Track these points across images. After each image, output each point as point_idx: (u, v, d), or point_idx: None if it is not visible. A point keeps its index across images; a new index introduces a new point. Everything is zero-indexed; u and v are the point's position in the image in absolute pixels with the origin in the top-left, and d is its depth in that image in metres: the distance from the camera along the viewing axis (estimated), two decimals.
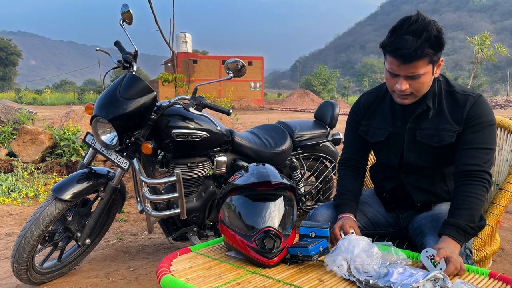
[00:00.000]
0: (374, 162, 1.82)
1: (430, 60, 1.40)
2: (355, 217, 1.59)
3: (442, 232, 1.37)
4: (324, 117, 2.93)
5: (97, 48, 2.53)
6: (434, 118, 1.52)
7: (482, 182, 1.42)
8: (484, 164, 1.44)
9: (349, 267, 1.23)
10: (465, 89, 1.53)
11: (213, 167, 2.42)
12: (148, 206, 2.23)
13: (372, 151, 1.80)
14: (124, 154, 2.19)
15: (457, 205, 1.42)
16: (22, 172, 4.80)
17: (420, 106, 1.52)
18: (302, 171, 2.86)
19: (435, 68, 1.45)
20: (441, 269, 1.21)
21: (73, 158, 4.95)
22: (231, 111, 2.28)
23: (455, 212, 1.41)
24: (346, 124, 1.77)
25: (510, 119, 1.87)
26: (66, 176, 2.57)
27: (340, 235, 1.46)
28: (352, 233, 1.44)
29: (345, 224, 1.49)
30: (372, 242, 1.33)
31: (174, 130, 2.19)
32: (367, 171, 2.01)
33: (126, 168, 2.18)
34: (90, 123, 2.12)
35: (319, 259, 1.32)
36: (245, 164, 2.41)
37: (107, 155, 2.21)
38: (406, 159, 1.59)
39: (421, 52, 1.35)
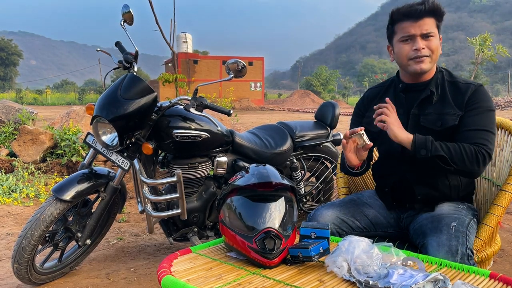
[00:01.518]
0: (376, 160, 1.83)
1: (436, 24, 1.56)
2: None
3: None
4: (325, 118, 2.94)
5: (98, 49, 2.54)
6: (438, 104, 1.59)
7: (477, 152, 1.47)
8: (484, 142, 1.49)
9: (349, 268, 1.23)
10: (467, 80, 1.63)
11: (213, 167, 2.42)
12: (149, 207, 2.23)
13: (375, 148, 1.81)
14: (125, 154, 2.20)
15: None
16: (23, 172, 4.80)
17: (424, 92, 1.60)
18: (303, 172, 2.86)
19: (439, 41, 1.58)
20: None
21: (74, 159, 4.95)
22: (231, 111, 2.28)
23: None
24: (351, 119, 1.82)
25: (510, 119, 1.87)
26: (66, 177, 2.57)
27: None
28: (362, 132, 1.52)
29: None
30: (373, 243, 1.33)
31: (175, 131, 2.20)
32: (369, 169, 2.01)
33: (126, 168, 2.18)
34: (91, 124, 2.12)
35: (319, 260, 1.32)
36: (245, 164, 2.41)
37: (108, 155, 2.21)
38: None
39: (429, 5, 1.51)
